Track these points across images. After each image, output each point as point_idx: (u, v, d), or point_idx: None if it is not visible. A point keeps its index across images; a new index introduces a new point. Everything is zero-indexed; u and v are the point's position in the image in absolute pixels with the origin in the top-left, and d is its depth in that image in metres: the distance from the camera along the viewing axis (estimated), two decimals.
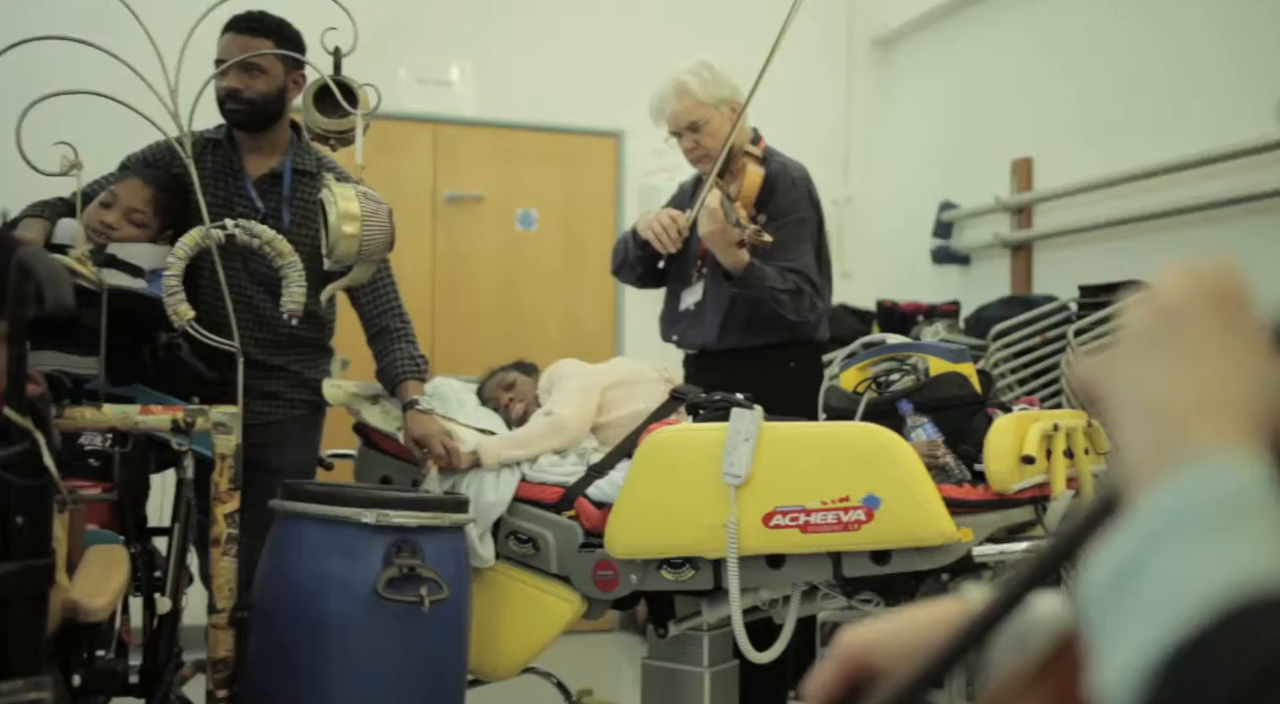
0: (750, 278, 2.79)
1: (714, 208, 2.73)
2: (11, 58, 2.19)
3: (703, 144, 2.99)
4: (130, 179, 2.61)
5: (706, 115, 2.98)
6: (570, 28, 5.12)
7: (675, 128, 3.03)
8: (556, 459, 2.63)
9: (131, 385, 2.36)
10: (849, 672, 0.57)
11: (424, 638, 2.24)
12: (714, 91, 2.97)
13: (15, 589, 1.42)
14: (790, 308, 2.85)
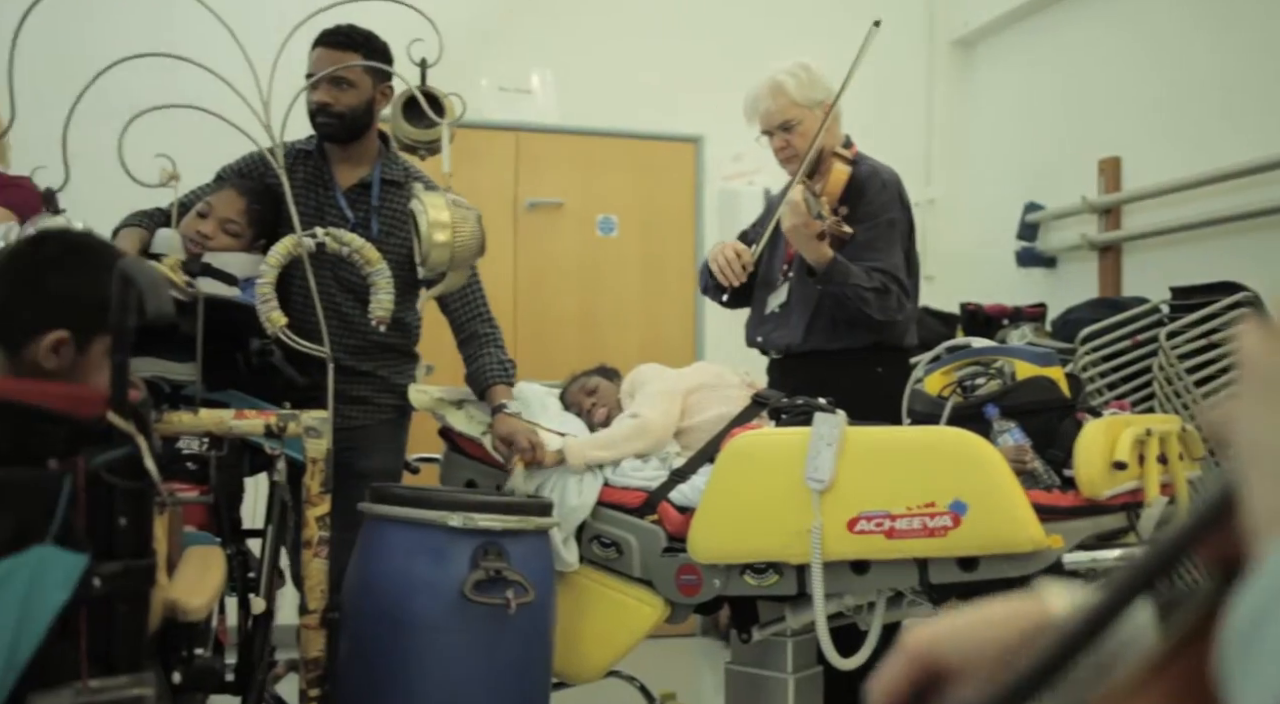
0: (834, 273, 2.78)
1: (796, 201, 2.73)
2: (113, 74, 2.26)
3: (793, 144, 2.99)
4: (225, 190, 2.69)
5: (799, 116, 2.97)
6: (649, 35, 5.14)
7: (767, 126, 3.03)
8: (639, 463, 2.63)
9: (226, 391, 2.42)
10: (917, 670, 0.55)
11: (510, 640, 2.26)
12: (808, 92, 2.97)
13: (119, 589, 1.46)
14: (876, 307, 2.83)
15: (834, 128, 3.01)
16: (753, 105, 3.05)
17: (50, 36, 2.24)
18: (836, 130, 3.04)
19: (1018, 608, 0.54)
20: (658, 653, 3.19)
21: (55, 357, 1.57)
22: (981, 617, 0.56)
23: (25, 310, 1.59)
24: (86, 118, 2.22)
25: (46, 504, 1.41)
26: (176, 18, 2.76)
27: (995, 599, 0.56)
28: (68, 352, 1.59)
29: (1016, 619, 0.53)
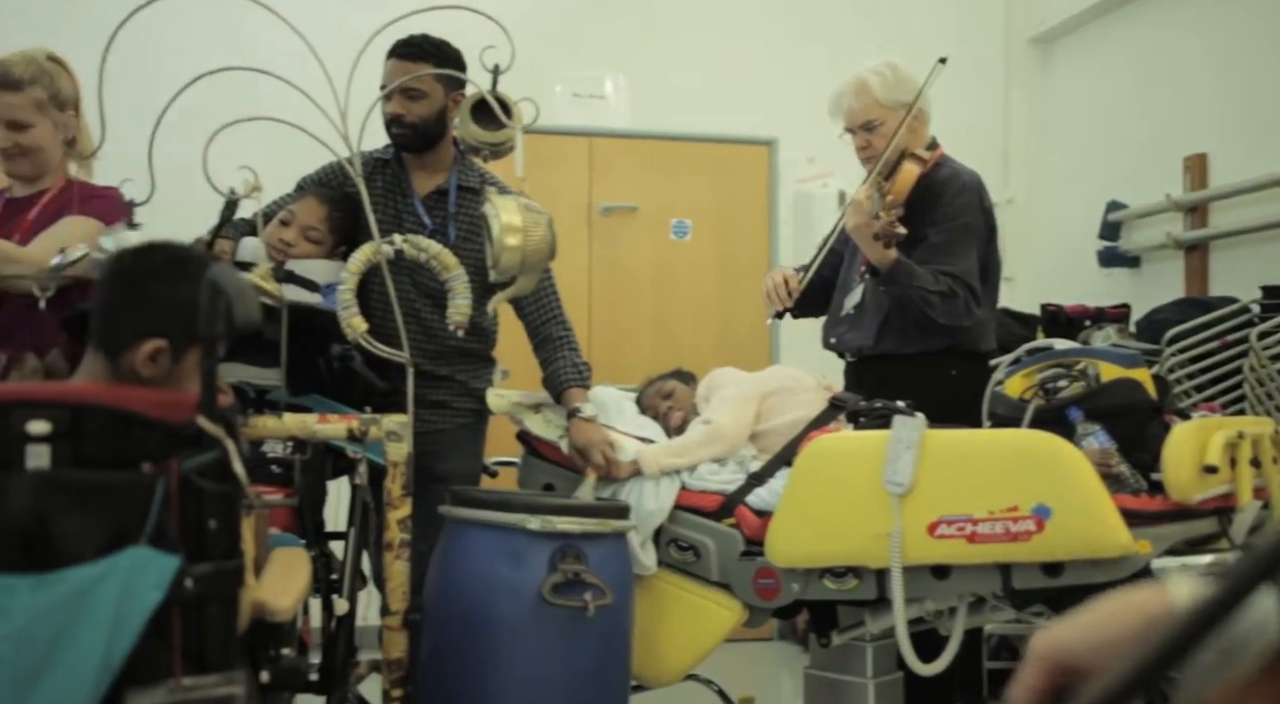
0: (898, 275, 2.77)
1: (860, 200, 2.73)
2: (193, 89, 2.32)
3: (873, 143, 2.98)
4: (306, 199, 2.74)
5: (882, 116, 2.96)
6: (721, 38, 5.14)
7: (850, 124, 3.02)
8: (716, 467, 2.63)
9: (309, 396, 2.46)
10: (1051, 674, 0.55)
11: (588, 643, 2.27)
12: (893, 93, 2.95)
13: (210, 589, 1.49)
14: (941, 311, 2.80)
15: (919, 130, 2.99)
16: (837, 102, 3.03)
17: (133, 53, 2.30)
18: (922, 132, 3.02)
19: (1142, 600, 0.54)
20: (735, 657, 3.18)
21: (152, 365, 1.62)
22: (1106, 612, 0.55)
23: (127, 318, 1.63)
24: (169, 131, 2.28)
25: (141, 507, 1.44)
26: (254, 32, 2.82)
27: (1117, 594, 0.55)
28: (164, 360, 1.63)
29: (1141, 611, 0.52)
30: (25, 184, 2.61)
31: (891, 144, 2.91)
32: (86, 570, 1.40)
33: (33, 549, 1.40)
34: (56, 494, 1.42)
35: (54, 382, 2.26)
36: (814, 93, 5.03)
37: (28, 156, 2.56)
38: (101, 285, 1.71)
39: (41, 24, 4.37)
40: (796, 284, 3.00)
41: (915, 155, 2.92)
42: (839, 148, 3.14)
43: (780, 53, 5.16)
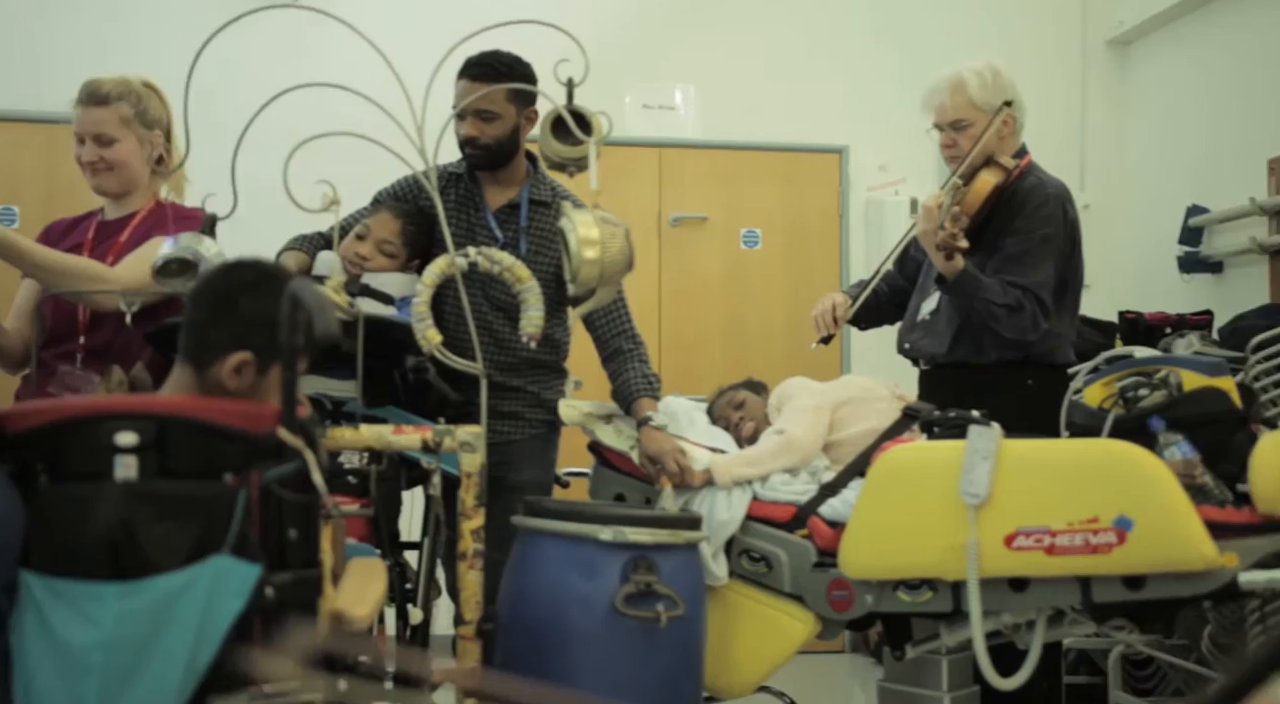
0: (964, 284, 2.74)
1: (930, 206, 2.72)
2: (274, 105, 2.36)
3: (959, 143, 2.94)
4: (381, 213, 2.78)
5: (973, 117, 2.92)
6: (790, 46, 5.13)
7: (940, 121, 2.98)
8: (788, 477, 2.62)
9: (384, 407, 2.50)
10: None
11: (661, 654, 2.27)
12: (990, 96, 2.91)
13: (290, 597, 1.52)
14: (1006, 324, 2.77)
15: (1009, 137, 2.95)
16: (931, 96, 2.99)
17: (213, 71, 2.35)
18: (1011, 140, 2.97)
19: None
20: (807, 669, 3.16)
21: (238, 377, 1.65)
22: None
23: (216, 331, 1.67)
24: (250, 147, 2.33)
25: (224, 516, 1.48)
26: (331, 48, 2.88)
27: None
28: (249, 373, 1.66)
29: None
30: (115, 204, 2.69)
31: (978, 148, 2.87)
32: (172, 578, 1.44)
33: (121, 558, 1.43)
34: (144, 504, 1.46)
35: (140, 394, 2.32)
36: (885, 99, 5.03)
37: (113, 171, 2.63)
38: (192, 300, 1.75)
39: (124, 48, 4.50)
40: (844, 313, 3.01)
41: (998, 163, 2.88)
42: (910, 155, 3.13)
43: (851, 60, 5.14)
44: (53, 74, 4.44)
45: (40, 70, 4.54)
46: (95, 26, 4.68)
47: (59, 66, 4.42)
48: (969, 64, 2.96)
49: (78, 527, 1.45)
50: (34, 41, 4.66)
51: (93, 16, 4.71)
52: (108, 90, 2.61)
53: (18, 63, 4.63)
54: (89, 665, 1.40)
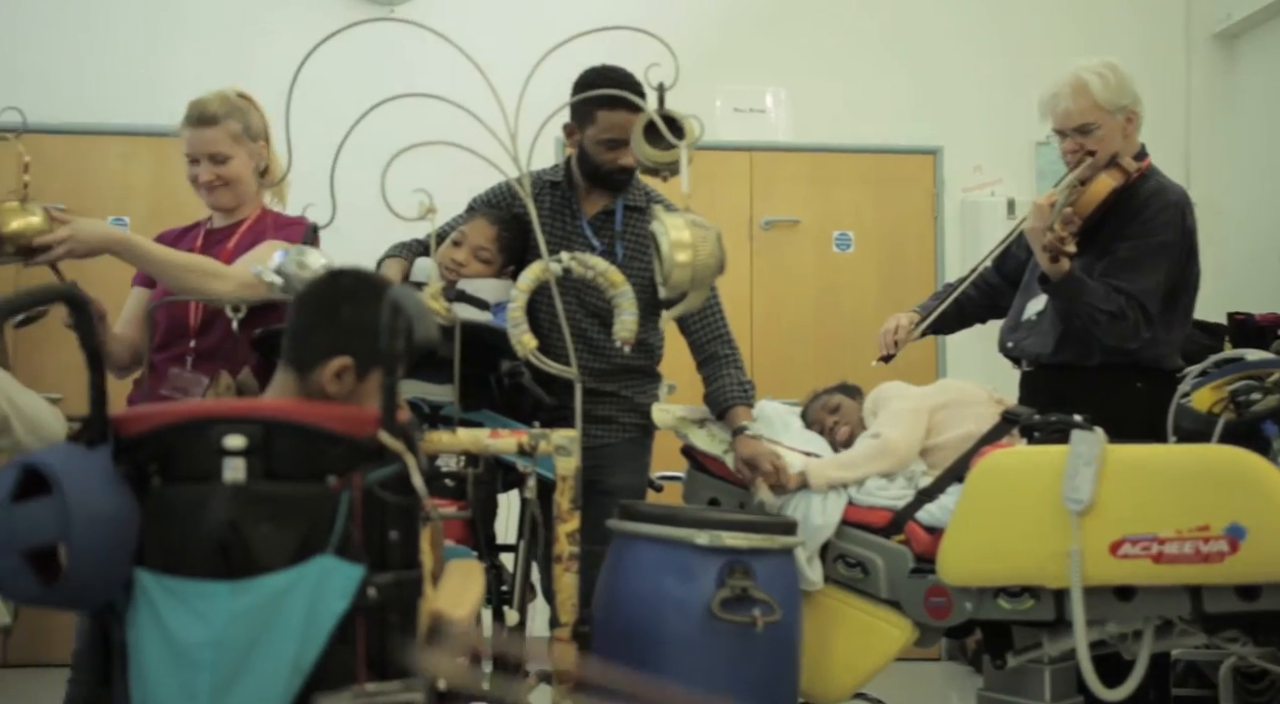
0: (1067, 287, 2.69)
1: (1041, 205, 2.67)
2: (370, 115, 2.41)
3: (1086, 148, 2.85)
4: (477, 219, 2.81)
5: (1099, 120, 2.84)
6: (882, 46, 5.08)
7: (1062, 126, 2.89)
8: (884, 482, 2.59)
9: (480, 411, 2.53)
10: None
11: (757, 659, 2.26)
12: (1114, 97, 2.84)
13: (391, 598, 1.54)
14: (1106, 330, 2.70)
15: (1133, 136, 2.89)
16: (1050, 102, 2.90)
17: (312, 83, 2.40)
18: (1134, 139, 2.90)
19: None
20: (904, 676, 3.12)
21: (338, 382, 1.69)
22: None
23: (318, 337, 1.71)
24: (347, 157, 2.37)
25: (328, 518, 1.50)
26: (425, 57, 2.92)
27: None
28: (349, 378, 1.70)
29: None
30: (225, 215, 2.77)
31: (1105, 150, 2.81)
32: (278, 578, 1.47)
33: (230, 557, 1.47)
34: (251, 505, 1.49)
35: (247, 398, 2.38)
36: (980, 98, 4.96)
37: (229, 187, 2.72)
38: (295, 306, 1.78)
39: (227, 63, 4.63)
40: (905, 336, 2.99)
41: (1119, 166, 2.80)
42: (1006, 155, 3.08)
43: (945, 58, 5.07)
44: (160, 89, 4.59)
45: (149, 86, 4.70)
46: (198, 43, 4.83)
47: (166, 82, 4.57)
48: (1086, 64, 2.87)
49: (189, 527, 1.49)
50: (142, 58, 4.82)
51: (196, 33, 4.85)
52: (215, 110, 2.69)
53: (127, 79, 4.80)
54: (200, 661, 1.44)
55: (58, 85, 4.63)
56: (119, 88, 4.79)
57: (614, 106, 2.71)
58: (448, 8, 4.68)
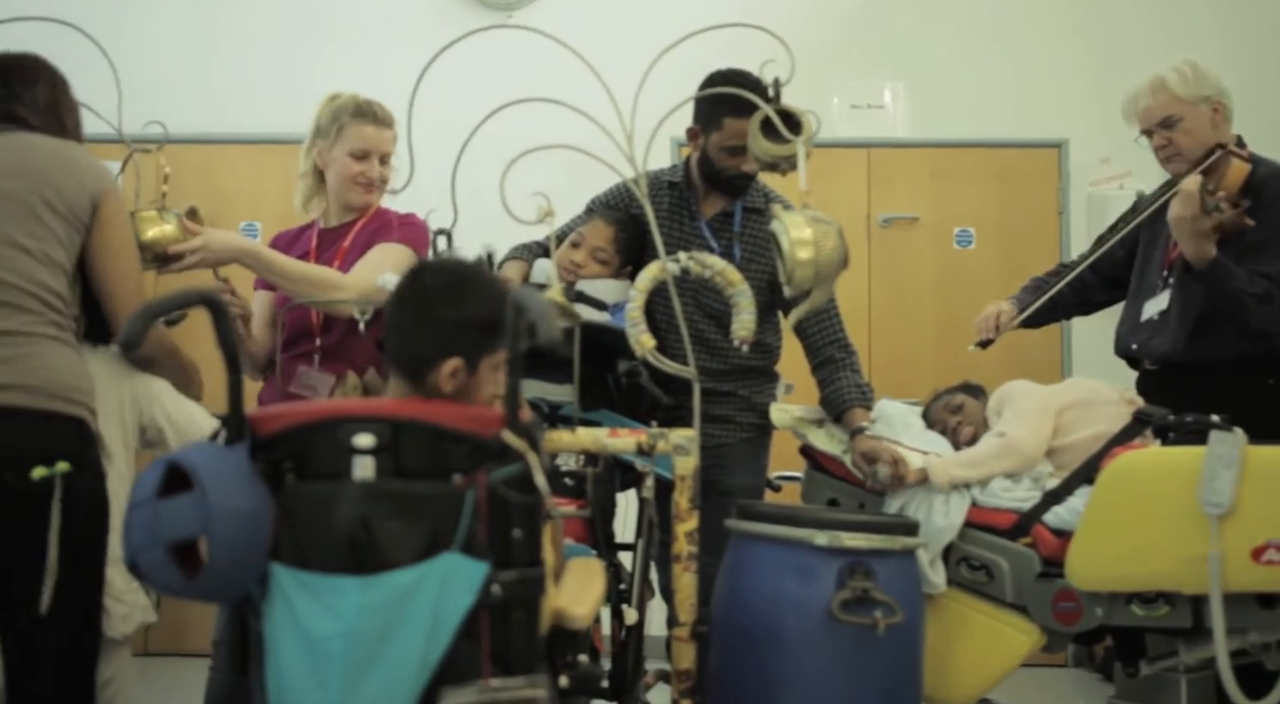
0: (1215, 273, 2.61)
1: (1190, 191, 2.59)
2: (489, 121, 2.45)
3: (1175, 141, 2.85)
4: (594, 221, 2.83)
5: (1182, 111, 2.84)
6: (1003, 40, 4.97)
7: (1147, 124, 2.90)
8: (1009, 483, 2.53)
9: (599, 411, 2.55)
10: None
11: (879, 662, 2.23)
12: (1194, 88, 2.83)
13: (515, 595, 1.56)
14: (1256, 314, 2.62)
15: (1222, 126, 2.85)
16: (1131, 104, 2.93)
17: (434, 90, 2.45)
18: (1225, 128, 2.87)
19: None
20: (1030, 682, 3.05)
21: (453, 381, 1.72)
22: None
23: (423, 344, 1.72)
24: (467, 161, 2.42)
25: (453, 515, 1.53)
26: (537, 60, 2.96)
27: None
28: (462, 375, 1.73)
29: None
30: (340, 214, 2.84)
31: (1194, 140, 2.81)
32: (406, 574, 1.50)
33: (360, 553, 1.50)
34: (380, 503, 1.53)
35: (374, 398, 2.44)
36: (1107, 89, 4.78)
37: (381, 187, 2.82)
38: (392, 312, 1.79)
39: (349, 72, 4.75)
40: (1007, 322, 2.97)
41: (1234, 151, 2.76)
42: (1135, 146, 2.99)
43: (1068, 49, 4.94)
44: (285, 98, 4.74)
45: (276, 96, 4.85)
46: (322, 53, 4.96)
47: (291, 91, 4.72)
48: (1163, 65, 2.91)
49: (321, 523, 1.53)
50: (270, 69, 4.98)
51: (320, 43, 4.99)
52: (388, 112, 2.80)
53: (256, 89, 4.96)
54: (332, 653, 1.48)
55: (192, 97, 4.81)
56: (248, 98, 4.96)
57: (740, 113, 2.66)
58: (560, 11, 4.74)
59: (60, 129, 2.14)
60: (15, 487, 1.83)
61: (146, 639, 4.60)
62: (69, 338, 2.02)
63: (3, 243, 1.94)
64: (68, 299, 2.02)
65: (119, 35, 2.54)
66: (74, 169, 2.04)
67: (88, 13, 2.66)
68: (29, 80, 2.14)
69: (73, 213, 2.02)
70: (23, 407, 1.88)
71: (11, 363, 1.90)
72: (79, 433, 1.93)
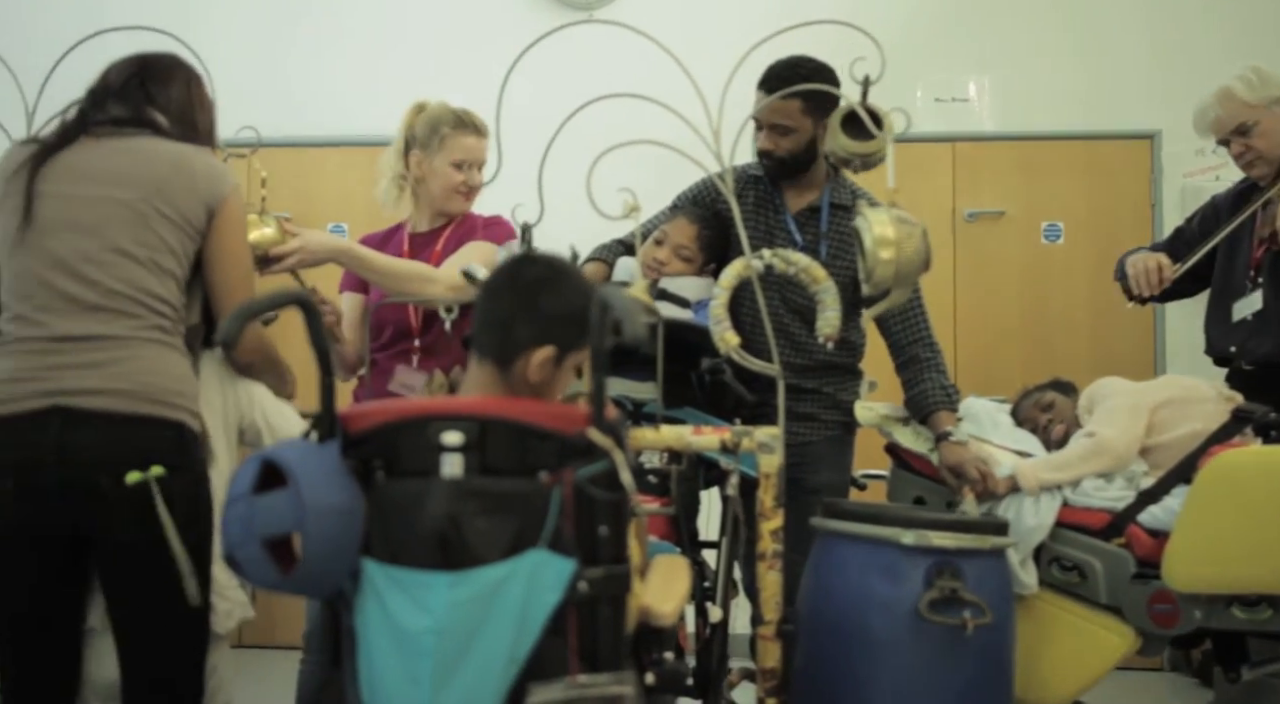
0: None
1: None
2: (580, 119, 2.46)
3: (1254, 146, 2.85)
4: (679, 218, 2.83)
5: (1255, 116, 2.84)
6: (1090, 28, 4.86)
7: (1221, 134, 2.91)
8: (1102, 483, 2.48)
9: (682, 408, 2.54)
10: None
11: (967, 663, 2.20)
12: (1261, 92, 2.84)
13: (601, 592, 1.57)
14: None
15: None
16: (1201, 117, 2.94)
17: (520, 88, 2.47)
18: None
19: None
20: (1124, 686, 2.99)
21: (541, 371, 1.73)
22: None
23: (520, 329, 1.74)
24: (554, 157, 2.43)
25: (540, 512, 1.54)
26: (623, 56, 2.96)
27: None
28: (549, 367, 1.74)
29: None
30: (430, 219, 2.89)
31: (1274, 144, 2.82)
32: (494, 570, 1.51)
33: (448, 549, 1.52)
34: (468, 499, 1.54)
35: (460, 396, 2.47)
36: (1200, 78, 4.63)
37: (475, 195, 2.86)
38: (487, 298, 1.81)
39: (436, 72, 4.82)
40: (1170, 274, 2.88)
41: None
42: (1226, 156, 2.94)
43: (1160, 36, 4.82)
44: (366, 101, 4.82)
45: (362, 99, 4.92)
46: (407, 55, 5.03)
47: (371, 94, 4.80)
48: (1226, 74, 2.92)
49: (410, 519, 1.55)
50: (356, 73, 5.05)
51: (405, 45, 5.06)
52: (483, 123, 2.86)
53: (338, 93, 5.04)
54: (423, 648, 1.50)
55: (276, 102, 4.90)
56: (330, 102, 5.04)
57: (759, 87, 2.73)
58: (644, 6, 4.74)
59: (191, 131, 2.13)
60: (112, 491, 1.87)
61: (240, 632, 4.71)
62: (176, 342, 2.03)
63: (111, 250, 1.97)
64: (177, 306, 2.04)
65: (208, 43, 2.59)
66: (190, 177, 2.04)
67: (177, 22, 2.72)
68: (164, 80, 2.15)
69: (186, 221, 2.03)
70: (116, 411, 1.90)
71: (105, 367, 1.92)
72: (178, 436, 1.96)
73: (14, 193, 2.00)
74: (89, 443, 1.89)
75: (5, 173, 2.04)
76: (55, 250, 1.96)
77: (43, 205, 1.98)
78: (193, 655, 2.01)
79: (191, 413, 1.99)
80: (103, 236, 1.97)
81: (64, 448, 1.88)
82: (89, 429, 1.89)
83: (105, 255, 1.96)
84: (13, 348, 1.96)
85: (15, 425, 1.90)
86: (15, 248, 1.98)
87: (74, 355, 1.92)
